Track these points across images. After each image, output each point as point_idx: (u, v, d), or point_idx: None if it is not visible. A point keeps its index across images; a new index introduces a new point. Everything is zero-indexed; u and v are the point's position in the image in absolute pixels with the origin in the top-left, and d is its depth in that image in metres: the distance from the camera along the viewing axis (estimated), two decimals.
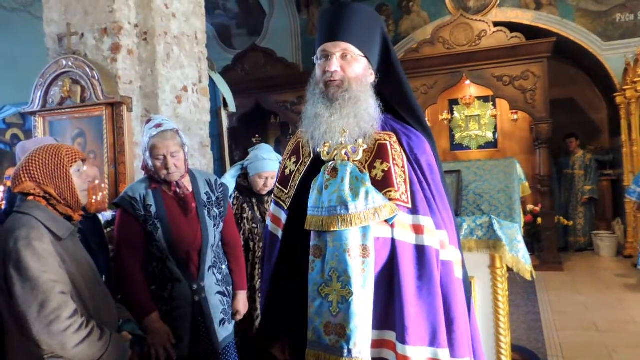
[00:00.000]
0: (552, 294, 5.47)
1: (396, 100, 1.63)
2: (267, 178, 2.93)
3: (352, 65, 1.55)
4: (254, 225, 2.95)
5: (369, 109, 1.54)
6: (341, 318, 1.40)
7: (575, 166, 7.93)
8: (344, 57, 1.54)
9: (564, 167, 8.06)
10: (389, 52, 1.64)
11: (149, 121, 2.44)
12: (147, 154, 2.35)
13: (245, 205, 2.97)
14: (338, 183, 1.46)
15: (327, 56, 1.55)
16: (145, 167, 2.42)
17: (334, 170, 1.49)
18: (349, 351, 1.38)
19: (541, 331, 4.35)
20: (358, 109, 1.53)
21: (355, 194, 1.44)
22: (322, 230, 1.46)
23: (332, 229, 1.43)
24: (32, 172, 1.75)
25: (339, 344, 1.39)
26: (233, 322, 2.53)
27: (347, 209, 1.42)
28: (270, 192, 3.01)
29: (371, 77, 1.60)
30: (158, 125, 2.35)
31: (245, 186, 3.00)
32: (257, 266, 2.91)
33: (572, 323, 4.53)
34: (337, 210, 1.43)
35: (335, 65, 1.53)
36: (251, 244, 2.93)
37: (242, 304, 2.58)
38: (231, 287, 2.55)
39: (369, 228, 1.43)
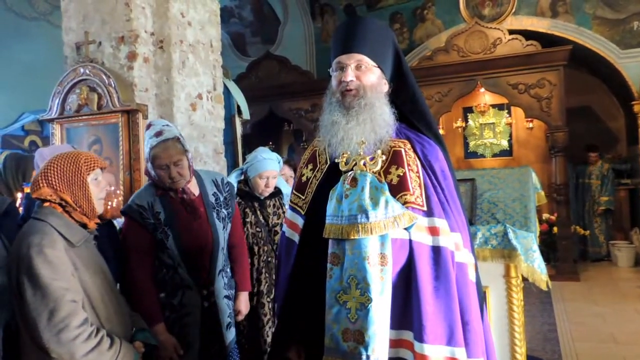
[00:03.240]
0: (568, 305, 5.39)
1: (408, 108, 1.70)
2: (267, 178, 2.90)
3: (366, 74, 1.61)
4: (257, 229, 2.92)
5: (384, 114, 1.60)
6: (360, 324, 1.43)
7: (592, 176, 7.82)
8: (358, 67, 1.61)
9: (581, 176, 7.96)
10: (400, 63, 1.70)
11: (149, 127, 2.33)
12: (149, 164, 2.29)
13: (247, 210, 2.93)
14: (358, 192, 1.50)
15: (342, 68, 1.62)
16: (148, 174, 2.36)
17: (354, 180, 1.53)
18: (367, 357, 1.40)
19: (557, 342, 4.29)
20: (374, 114, 1.58)
21: (375, 203, 1.48)
22: (341, 238, 1.49)
23: (352, 237, 1.47)
24: (49, 179, 1.76)
25: (358, 350, 1.41)
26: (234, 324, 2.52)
27: (367, 217, 1.46)
28: (271, 196, 3.00)
29: (385, 87, 1.67)
30: (158, 134, 2.27)
31: (247, 191, 2.97)
32: (263, 270, 2.89)
33: (589, 334, 4.45)
34: (357, 218, 1.47)
35: (350, 75, 1.60)
36: (255, 247, 2.89)
37: (243, 305, 2.56)
38: (234, 289, 2.53)
39: (387, 237, 1.46)
